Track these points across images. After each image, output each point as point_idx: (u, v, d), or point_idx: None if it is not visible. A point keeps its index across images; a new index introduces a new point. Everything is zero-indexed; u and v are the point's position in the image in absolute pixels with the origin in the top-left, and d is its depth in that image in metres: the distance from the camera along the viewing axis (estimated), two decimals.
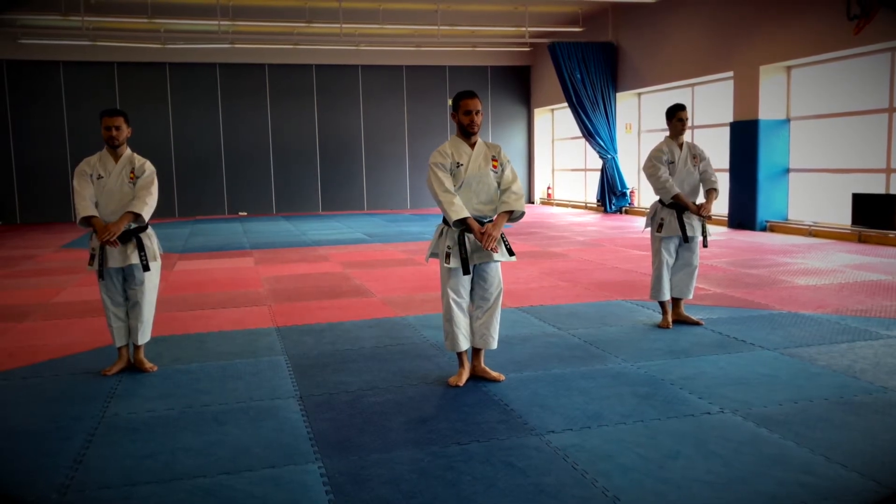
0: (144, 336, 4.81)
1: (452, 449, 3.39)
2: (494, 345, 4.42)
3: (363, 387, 4.35)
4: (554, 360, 4.83)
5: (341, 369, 4.72)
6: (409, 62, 19.49)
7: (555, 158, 20.86)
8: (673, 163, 5.58)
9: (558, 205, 19.96)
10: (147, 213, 4.65)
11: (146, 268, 4.69)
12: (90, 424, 3.81)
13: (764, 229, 12.34)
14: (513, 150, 20.79)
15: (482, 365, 4.44)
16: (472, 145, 4.31)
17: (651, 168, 5.63)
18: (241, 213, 18.84)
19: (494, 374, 4.43)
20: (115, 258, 4.63)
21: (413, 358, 4.94)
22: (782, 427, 3.56)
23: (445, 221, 4.30)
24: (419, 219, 16.83)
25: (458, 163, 4.24)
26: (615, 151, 16.62)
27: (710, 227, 13.01)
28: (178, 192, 18.45)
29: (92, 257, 4.66)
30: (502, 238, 4.30)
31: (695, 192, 5.64)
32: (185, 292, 7.65)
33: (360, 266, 9.29)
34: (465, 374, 4.37)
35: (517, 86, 20.66)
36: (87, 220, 4.59)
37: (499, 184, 4.33)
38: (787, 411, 3.79)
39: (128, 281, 4.76)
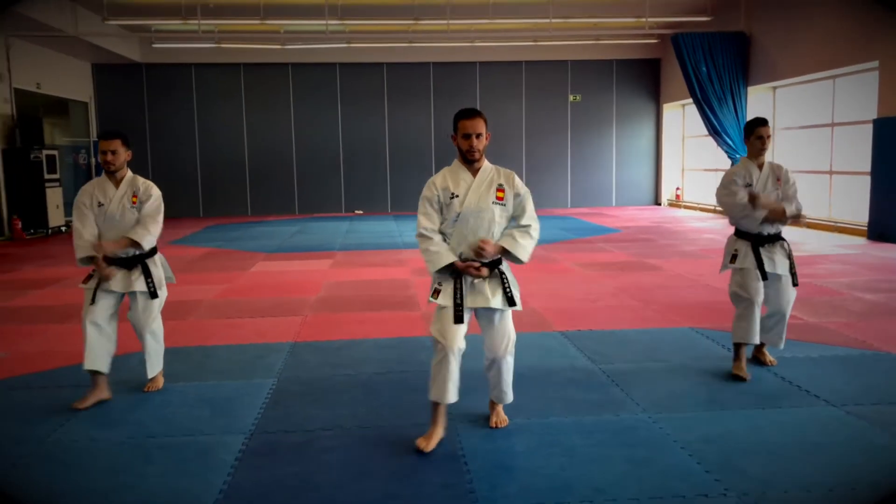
0: (153, 369, 4.48)
1: None
2: (509, 399, 3.78)
3: (325, 425, 3.86)
4: (559, 404, 4.12)
5: (319, 399, 4.27)
6: (528, 58, 18.79)
7: (685, 157, 19.43)
8: (750, 185, 4.65)
9: (686, 207, 18.56)
10: (147, 243, 4.31)
11: (153, 294, 4.39)
12: (25, 450, 3.58)
13: None
14: (639, 148, 19.59)
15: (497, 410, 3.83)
16: (476, 172, 3.67)
17: (726, 195, 4.69)
18: (356, 212, 18.91)
19: (495, 418, 3.78)
20: (117, 282, 4.34)
21: (406, 391, 4.38)
22: None
23: None
24: None
25: (452, 193, 3.61)
26: (745, 152, 15.10)
27: (848, 238, 11.66)
28: (297, 190, 18.74)
29: (89, 276, 4.40)
30: (503, 282, 3.56)
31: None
32: (236, 296, 7.51)
33: None
34: (437, 436, 3.53)
35: (645, 80, 19.40)
36: (88, 260, 4.29)
37: (512, 216, 3.68)
38: (814, 501, 2.93)
39: (131, 310, 4.47)
